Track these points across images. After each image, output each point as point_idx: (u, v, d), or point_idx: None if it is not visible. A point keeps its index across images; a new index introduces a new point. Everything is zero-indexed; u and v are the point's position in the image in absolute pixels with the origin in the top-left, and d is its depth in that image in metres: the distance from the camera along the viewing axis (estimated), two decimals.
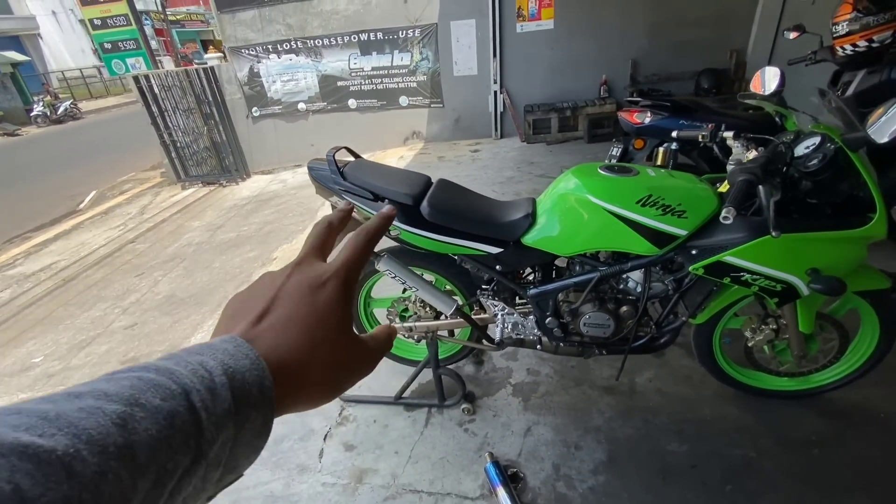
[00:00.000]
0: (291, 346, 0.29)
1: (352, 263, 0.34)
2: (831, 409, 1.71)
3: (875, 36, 2.02)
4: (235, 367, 0.26)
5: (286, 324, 0.30)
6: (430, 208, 1.51)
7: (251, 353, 0.27)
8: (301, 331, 0.30)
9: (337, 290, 0.32)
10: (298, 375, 0.29)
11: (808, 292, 1.33)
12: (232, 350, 0.27)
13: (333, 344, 0.31)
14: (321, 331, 0.31)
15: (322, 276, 0.33)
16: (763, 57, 5.03)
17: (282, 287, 0.32)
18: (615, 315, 1.59)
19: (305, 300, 0.31)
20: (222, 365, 0.26)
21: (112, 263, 4.48)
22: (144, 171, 8.26)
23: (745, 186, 1.16)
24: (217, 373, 0.25)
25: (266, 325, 0.30)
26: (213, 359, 0.26)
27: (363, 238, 0.35)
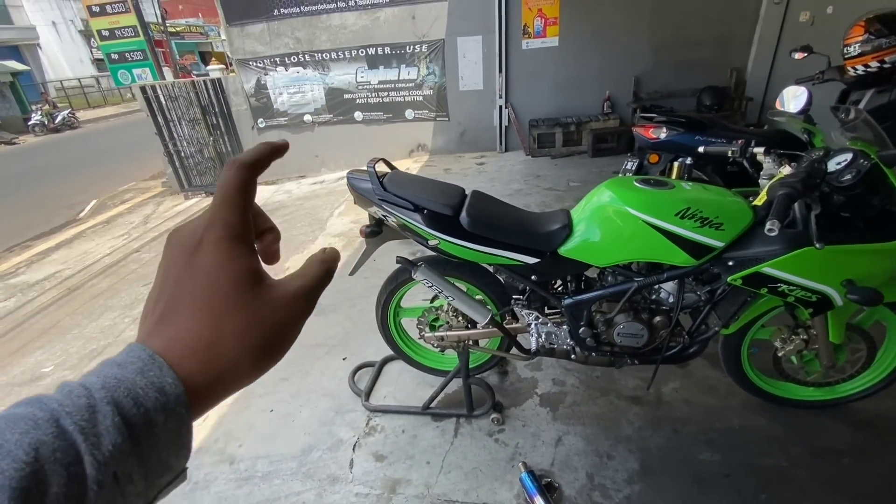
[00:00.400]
0: (189, 330, 0.26)
1: (226, 203, 0.28)
2: (857, 419, 1.74)
3: (887, 57, 2.11)
4: (121, 376, 0.23)
5: (176, 307, 0.26)
6: (469, 219, 1.54)
7: (143, 353, 0.24)
8: (193, 308, 0.26)
9: (215, 246, 0.27)
10: (213, 357, 0.26)
11: (842, 303, 1.36)
12: (120, 359, 0.24)
13: (238, 305, 0.27)
14: (216, 298, 0.26)
15: (195, 233, 0.28)
16: (762, 76, 5.19)
17: (164, 270, 0.28)
18: (649, 325, 1.62)
19: (184, 272, 0.27)
20: (103, 379, 0.23)
21: (117, 273, 4.45)
22: (145, 181, 8.23)
23: (787, 200, 1.20)
24: (96, 387, 0.22)
25: (159, 317, 0.26)
26: (96, 375, 0.23)
27: (233, 169, 0.28)
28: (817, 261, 1.31)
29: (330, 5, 5.76)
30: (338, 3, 5.73)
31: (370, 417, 2.01)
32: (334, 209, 5.10)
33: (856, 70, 2.24)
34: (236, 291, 0.27)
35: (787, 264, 1.32)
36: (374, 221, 1.69)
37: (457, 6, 5.57)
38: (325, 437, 1.94)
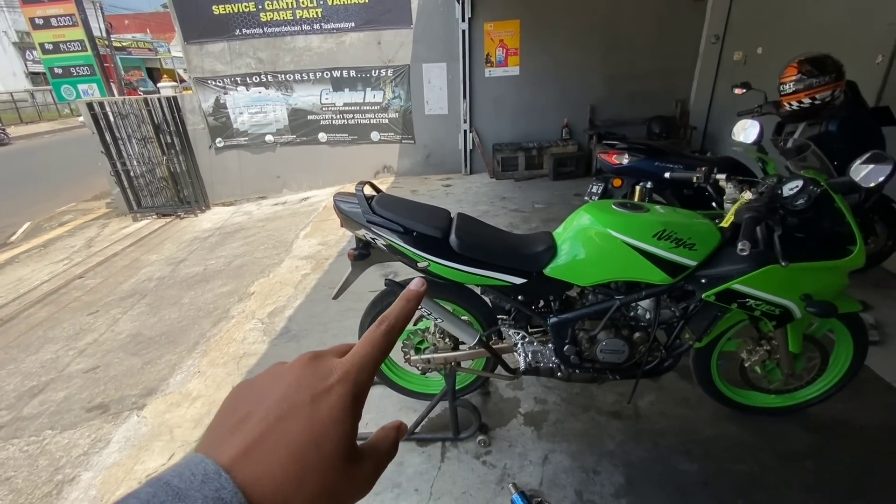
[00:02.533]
0: (277, 476, 0.24)
1: (367, 361, 0.28)
2: (815, 423, 1.88)
3: (817, 95, 2.38)
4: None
5: (276, 444, 0.25)
6: (458, 241, 1.56)
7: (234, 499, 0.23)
8: (290, 454, 0.25)
9: (342, 397, 0.27)
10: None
11: (801, 315, 1.50)
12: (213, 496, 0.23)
13: (328, 470, 0.26)
14: (315, 454, 0.25)
15: (327, 376, 0.27)
16: (704, 107, 5.67)
17: (284, 389, 0.27)
18: (629, 341, 1.69)
19: (303, 412, 0.26)
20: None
21: (58, 301, 4.09)
22: (87, 202, 7.70)
23: (754, 223, 1.32)
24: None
25: (252, 443, 0.25)
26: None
27: (384, 331, 0.29)
28: (780, 277, 1.43)
29: (294, 28, 5.76)
30: (302, 26, 5.74)
31: None
32: (299, 231, 4.98)
33: (791, 105, 2.50)
34: (333, 456, 0.26)
35: (754, 281, 1.44)
36: (361, 244, 1.68)
37: (422, 34, 5.73)
38: None
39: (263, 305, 3.31)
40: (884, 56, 3.28)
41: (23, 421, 2.40)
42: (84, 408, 2.45)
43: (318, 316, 3.06)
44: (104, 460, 2.05)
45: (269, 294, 3.48)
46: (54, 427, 2.32)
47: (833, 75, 2.33)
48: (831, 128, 2.46)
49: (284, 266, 4.05)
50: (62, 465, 2.06)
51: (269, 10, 5.67)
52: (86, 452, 2.11)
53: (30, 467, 2.06)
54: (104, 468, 2.01)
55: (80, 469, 2.03)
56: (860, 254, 1.42)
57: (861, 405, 1.94)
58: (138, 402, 2.41)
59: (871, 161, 1.28)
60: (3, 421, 2.43)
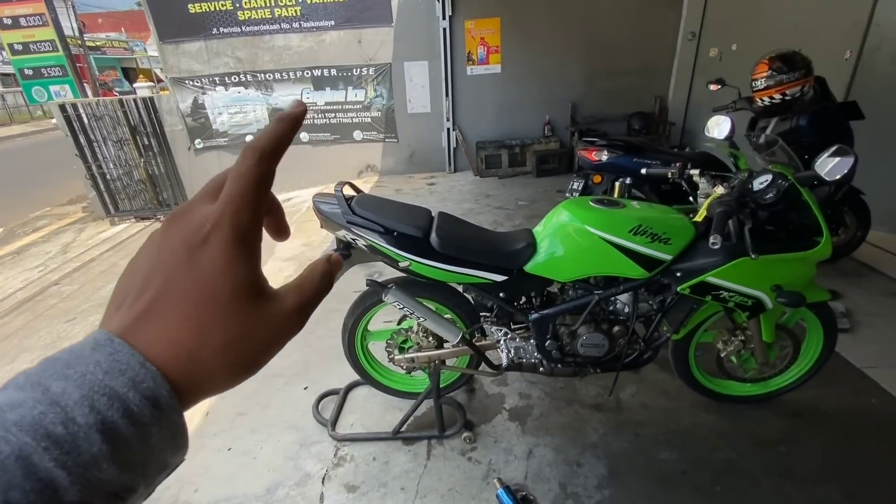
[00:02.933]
0: (173, 336, 0.23)
1: (242, 201, 0.25)
2: (789, 410, 1.94)
3: (787, 90, 2.45)
4: (111, 389, 0.21)
5: (166, 306, 0.24)
6: (439, 240, 1.57)
7: (133, 360, 0.22)
8: (184, 313, 0.24)
9: (223, 245, 0.25)
10: (192, 367, 0.24)
11: (772, 305, 1.54)
12: (106, 363, 0.21)
13: (230, 318, 0.24)
14: (209, 307, 0.24)
15: (201, 227, 0.25)
16: (681, 103, 5.77)
17: (161, 251, 0.25)
18: (609, 335, 1.72)
19: (181, 269, 0.24)
20: (88, 391, 0.20)
21: (34, 309, 3.99)
22: (61, 206, 7.50)
23: (725, 217, 1.36)
24: (78, 406, 0.20)
25: (143, 309, 0.24)
26: (78, 386, 0.20)
27: (252, 160, 0.25)
28: (751, 269, 1.47)
29: (273, 26, 5.69)
30: (281, 24, 5.67)
31: (338, 447, 1.94)
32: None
33: (763, 101, 2.57)
34: (231, 303, 0.25)
35: (727, 273, 1.48)
36: (342, 245, 1.67)
37: (403, 32, 5.71)
38: (290, 472, 1.84)
39: None
40: (851, 52, 3.38)
41: None
42: None
43: None
44: None
45: None
46: None
47: (802, 71, 2.40)
48: (801, 122, 2.53)
49: (267, 268, 4.01)
50: None
51: (247, 8, 5.59)
52: None
53: None
54: None
55: None
56: (826, 245, 1.47)
57: (833, 391, 2.00)
58: None
59: (835, 154, 1.32)
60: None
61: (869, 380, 2.07)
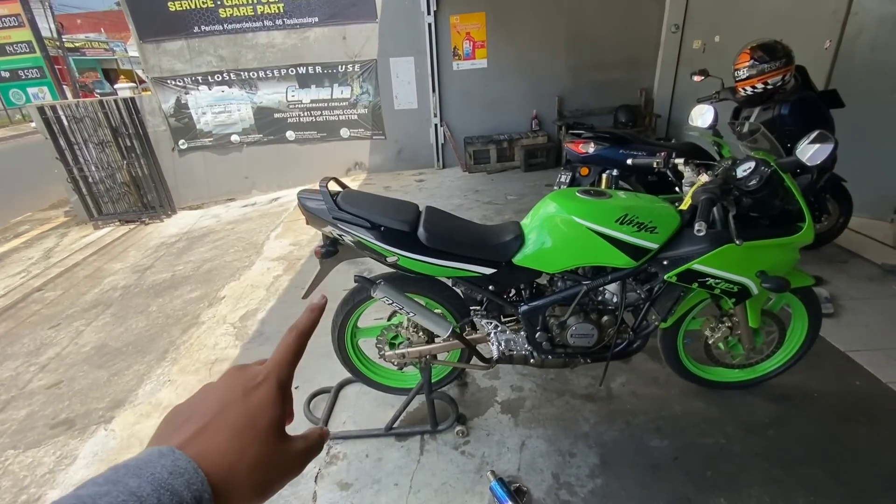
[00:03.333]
0: (221, 449, 0.30)
1: (284, 362, 0.35)
2: (776, 394, 1.97)
3: (769, 80, 2.47)
4: (172, 487, 0.26)
5: (217, 428, 0.31)
6: (427, 234, 1.56)
7: (189, 465, 0.28)
8: (232, 433, 0.31)
9: (269, 390, 0.34)
10: (229, 478, 0.29)
11: (757, 291, 1.56)
12: (170, 466, 0.27)
13: (262, 445, 0.32)
14: (251, 432, 0.31)
15: (255, 377, 0.34)
16: (667, 95, 5.81)
17: (218, 394, 0.33)
18: (598, 325, 1.73)
19: (237, 403, 0.32)
20: (157, 490, 0.26)
21: (16, 316, 3.90)
22: (43, 211, 7.34)
23: (709, 204, 1.37)
24: (150, 502, 0.25)
25: (197, 431, 0.30)
26: (149, 482, 0.26)
27: (294, 337, 0.37)
28: (736, 256, 1.49)
29: (255, 24, 5.61)
30: (264, 21, 5.59)
31: (330, 445, 1.93)
32: (270, 232, 4.89)
33: (745, 91, 2.59)
34: (266, 432, 0.32)
35: (713, 260, 1.49)
36: (328, 241, 1.66)
37: (388, 28, 5.67)
38: None
39: (235, 309, 3.23)
40: (831, 41, 3.43)
41: None
42: (48, 424, 2.35)
43: (291, 317, 2.97)
44: (71, 477, 1.98)
45: (241, 297, 3.41)
46: (17, 446, 2.22)
47: (783, 60, 2.42)
48: (783, 111, 2.56)
49: (256, 268, 3.97)
50: (27, 486, 1.97)
51: (229, 5, 5.50)
52: (51, 470, 2.03)
53: None
54: (72, 485, 1.94)
55: (45, 488, 1.94)
56: (809, 230, 1.48)
57: (818, 374, 2.04)
58: (105, 415, 2.33)
59: (816, 141, 1.34)
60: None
61: (853, 362, 2.11)
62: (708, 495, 1.58)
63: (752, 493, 1.57)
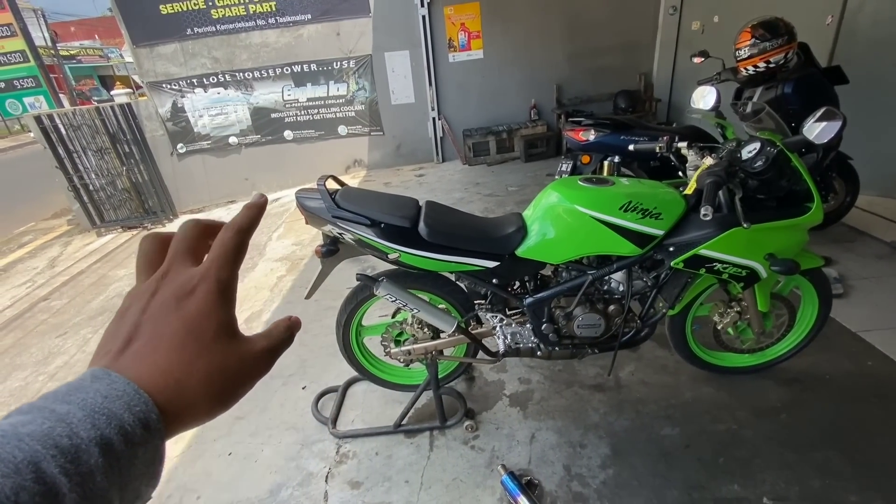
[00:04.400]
0: (162, 366, 0.27)
1: (222, 260, 0.32)
2: (787, 377, 1.95)
3: (771, 58, 2.42)
4: (110, 410, 0.24)
5: (155, 344, 0.28)
6: (428, 229, 1.54)
7: (128, 387, 0.25)
8: (172, 347, 0.28)
9: (208, 294, 0.30)
10: (179, 395, 0.27)
11: (766, 275, 1.53)
12: (104, 389, 0.25)
13: (213, 354, 0.29)
14: (194, 342, 0.29)
15: (189, 281, 0.31)
16: (666, 78, 5.73)
17: (147, 306, 0.30)
18: (604, 314, 1.71)
19: (171, 314, 0.29)
20: (91, 414, 0.24)
21: (23, 326, 3.92)
22: (46, 220, 7.37)
23: (715, 187, 1.34)
24: (84, 427, 0.23)
25: (132, 351, 0.28)
26: (81, 407, 0.24)
27: (233, 233, 0.33)
28: (743, 239, 1.46)
29: (248, 23, 5.56)
30: (257, 21, 5.55)
31: (340, 445, 1.93)
32: (272, 233, 4.88)
33: (747, 70, 2.55)
34: (213, 340, 0.30)
35: (720, 245, 1.46)
36: (329, 240, 1.64)
37: (381, 22, 5.61)
38: (293, 472, 1.83)
39: (240, 312, 3.20)
40: (833, 17, 3.36)
41: None
42: None
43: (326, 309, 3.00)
44: None
45: (245, 299, 3.41)
46: None
47: (785, 38, 2.37)
48: (786, 90, 2.52)
49: (259, 269, 3.96)
50: None
51: (221, 6, 5.45)
52: None
53: None
54: None
55: None
56: (818, 210, 1.45)
57: (829, 356, 2.01)
58: None
59: (822, 118, 1.30)
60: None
61: (864, 343, 2.08)
62: (721, 482, 1.57)
63: (766, 478, 1.56)
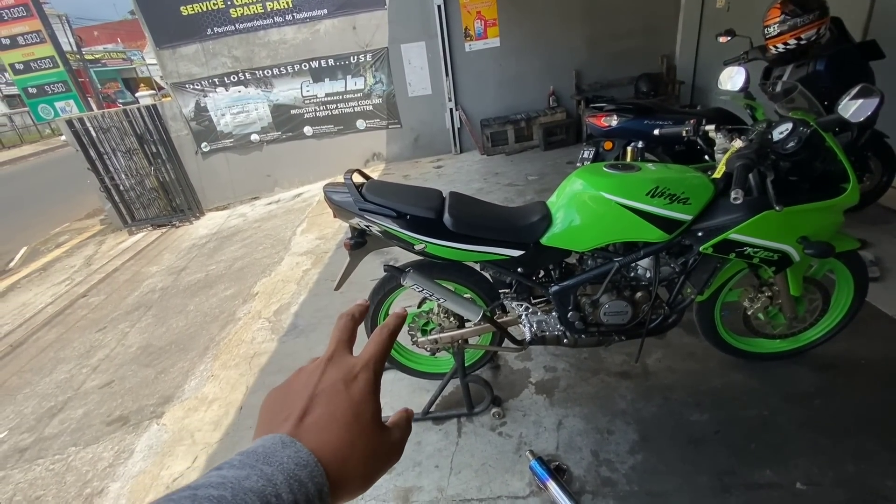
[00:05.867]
0: (334, 443, 0.31)
1: (378, 355, 0.37)
2: (821, 363, 1.91)
3: (802, 34, 2.33)
4: (300, 478, 0.28)
5: (328, 420, 0.32)
6: (452, 219, 1.56)
7: (311, 459, 0.29)
8: (342, 426, 0.32)
9: (368, 382, 0.35)
10: (342, 472, 0.30)
11: (799, 258, 1.50)
12: (294, 457, 0.28)
13: (369, 436, 0.33)
14: (357, 424, 0.32)
15: (353, 369, 0.35)
16: (690, 60, 5.57)
17: (318, 383, 0.34)
18: (631, 301, 1.70)
19: (342, 395, 0.33)
20: (288, 480, 0.27)
21: (65, 322, 4.12)
22: (80, 220, 7.67)
23: (745, 170, 1.32)
24: (284, 490, 0.27)
25: (310, 423, 0.31)
26: (280, 471, 0.27)
27: (385, 334, 0.39)
28: (775, 223, 1.43)
29: (266, 21, 5.63)
30: (274, 18, 5.61)
31: None
32: (296, 227, 4.97)
33: (777, 48, 2.46)
34: (370, 424, 0.33)
35: (751, 229, 1.44)
36: (356, 233, 1.67)
37: (397, 14, 5.60)
38: None
39: (268, 304, 3.32)
40: None
41: (45, 441, 2.45)
42: (104, 422, 2.49)
43: (323, 309, 3.08)
44: (130, 470, 2.10)
45: (273, 293, 3.50)
46: (77, 443, 2.36)
47: (817, 13, 2.28)
48: (819, 67, 2.42)
49: (285, 264, 4.05)
50: (90, 479, 2.10)
51: (239, 4, 5.53)
52: (111, 464, 2.15)
53: (58, 484, 2.11)
54: (131, 477, 2.06)
55: (107, 481, 2.07)
56: (854, 191, 1.41)
57: (864, 341, 1.96)
58: (156, 410, 2.45)
59: (858, 96, 1.26)
60: (27, 443, 2.47)
61: None
62: (753, 468, 1.56)
63: (799, 464, 1.54)
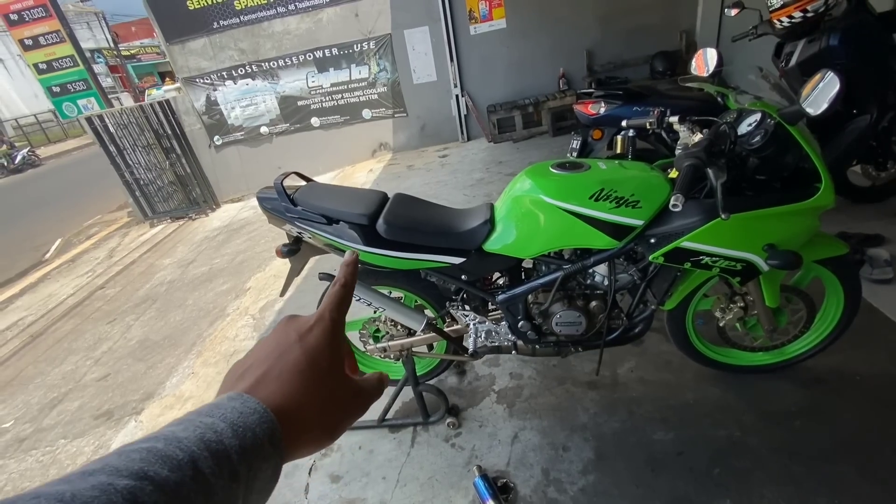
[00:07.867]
0: (288, 392, 0.31)
1: (333, 306, 0.37)
2: (809, 377, 1.72)
3: (808, 6, 2.06)
4: (245, 424, 0.28)
5: (280, 371, 0.32)
6: (386, 225, 1.48)
7: (258, 406, 0.29)
8: (294, 375, 0.32)
9: (324, 331, 0.35)
10: (298, 419, 0.31)
11: (767, 268, 1.33)
12: (240, 407, 0.29)
13: (326, 384, 0.33)
14: (312, 371, 0.33)
15: (307, 322, 0.36)
16: (712, 35, 5.14)
17: (277, 346, 0.34)
18: (585, 311, 1.57)
19: (294, 347, 0.34)
20: (232, 426, 0.27)
21: (82, 313, 4.33)
22: (111, 213, 8.05)
23: (692, 171, 1.16)
24: (227, 435, 0.27)
25: (262, 378, 0.32)
26: (222, 420, 0.28)
27: (339, 287, 0.39)
28: (733, 229, 1.27)
29: (269, 11, 5.61)
30: (277, 8, 5.58)
31: None
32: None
33: (781, 22, 2.19)
34: (328, 372, 0.34)
35: (704, 236, 1.28)
36: (291, 240, 1.62)
37: None
38: None
39: (257, 301, 3.36)
40: None
41: (42, 432, 2.58)
42: (93, 416, 2.59)
43: (306, 306, 3.07)
44: None
45: (263, 289, 3.53)
46: (67, 436, 2.47)
47: None
48: (832, 42, 2.15)
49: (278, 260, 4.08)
50: None
51: None
52: (89, 460, 2.23)
53: (42, 478, 2.21)
54: None
55: None
56: (827, 191, 1.23)
57: (864, 353, 1.75)
58: (137, 406, 2.53)
59: (817, 83, 1.07)
60: (27, 433, 2.61)
61: None
62: (712, 496, 1.42)
63: (766, 494, 1.39)
